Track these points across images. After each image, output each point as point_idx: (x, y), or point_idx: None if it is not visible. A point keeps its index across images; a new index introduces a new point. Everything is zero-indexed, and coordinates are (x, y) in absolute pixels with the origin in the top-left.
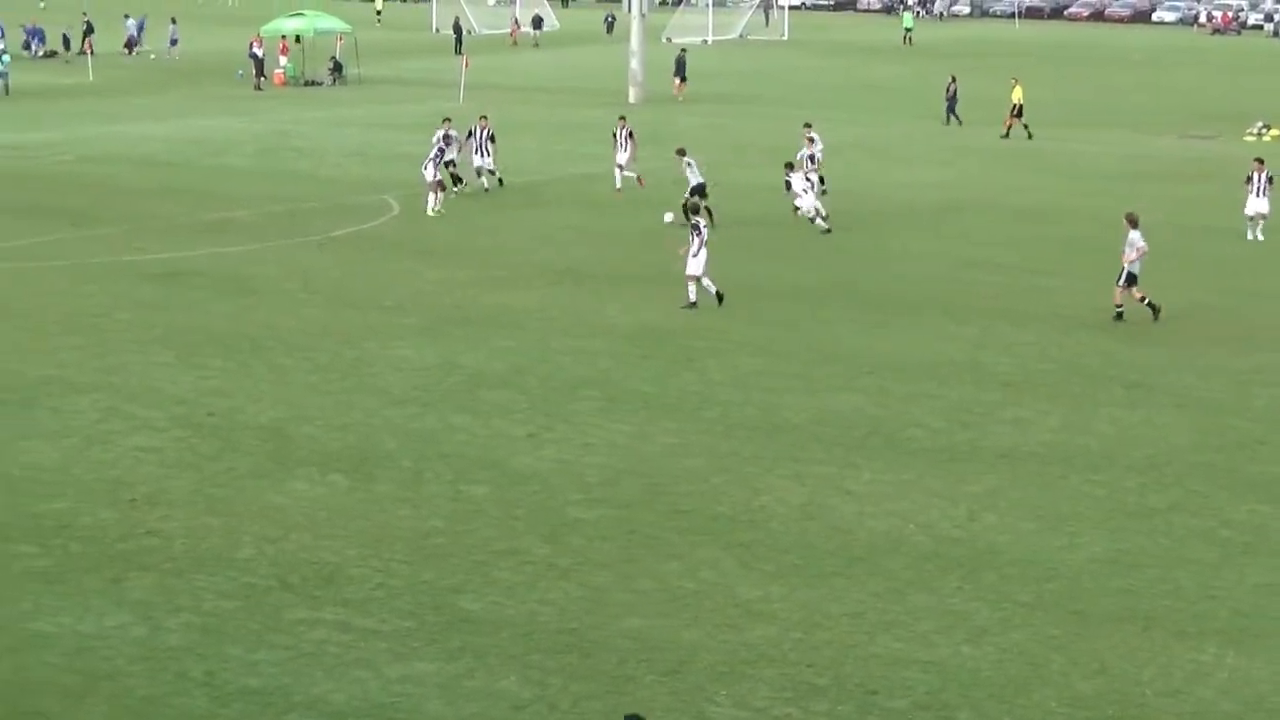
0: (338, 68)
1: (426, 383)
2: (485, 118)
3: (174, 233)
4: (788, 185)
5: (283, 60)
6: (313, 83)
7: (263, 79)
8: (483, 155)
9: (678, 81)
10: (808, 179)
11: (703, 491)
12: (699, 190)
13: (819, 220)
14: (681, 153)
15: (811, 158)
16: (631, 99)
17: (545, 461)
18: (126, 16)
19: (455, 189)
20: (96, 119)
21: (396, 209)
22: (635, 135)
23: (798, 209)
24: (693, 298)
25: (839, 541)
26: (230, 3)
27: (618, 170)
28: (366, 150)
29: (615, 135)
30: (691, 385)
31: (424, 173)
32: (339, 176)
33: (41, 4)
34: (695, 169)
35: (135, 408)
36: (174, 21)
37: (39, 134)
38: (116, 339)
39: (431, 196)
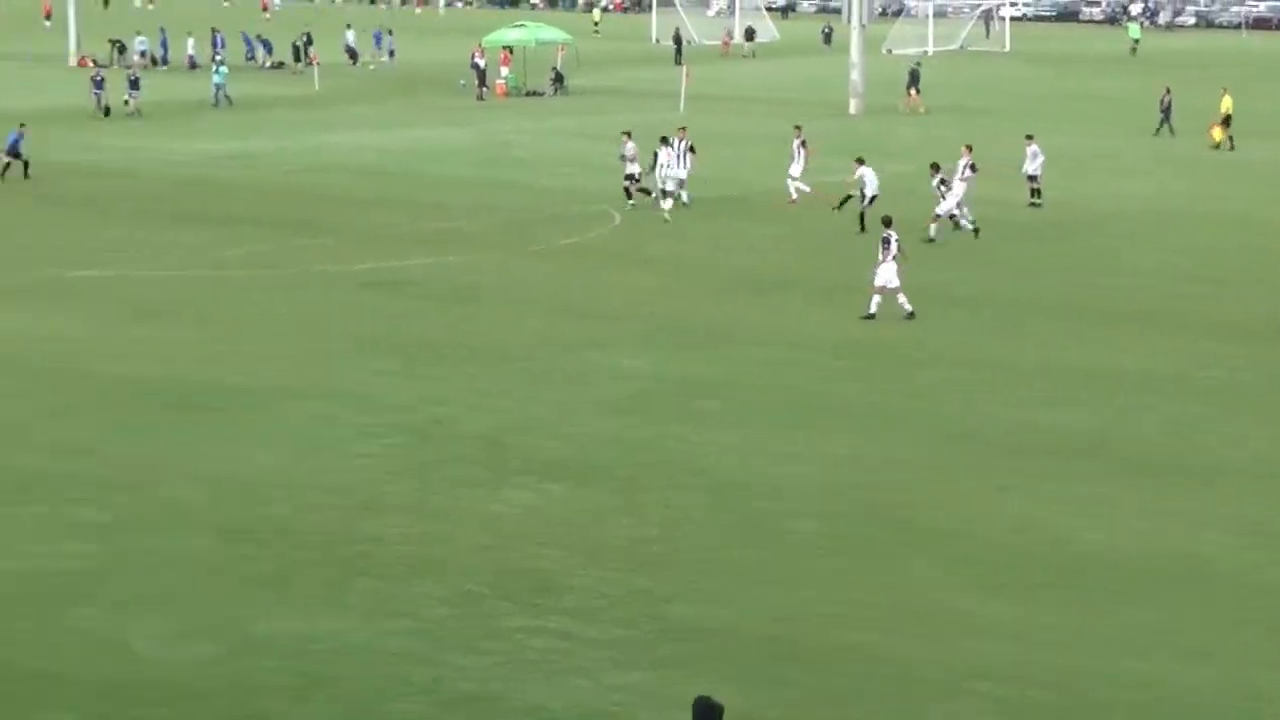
0: (559, 78)
1: (642, 391)
2: (684, 129)
3: (394, 242)
4: (943, 183)
5: (504, 71)
6: (534, 93)
7: (485, 89)
8: (680, 166)
9: (913, 93)
10: (944, 183)
11: (913, 503)
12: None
13: (932, 226)
14: (860, 161)
15: (972, 166)
16: (852, 110)
17: (756, 472)
18: (348, 27)
19: (631, 202)
20: (319, 128)
21: (618, 219)
22: (808, 145)
23: (938, 214)
24: (908, 308)
25: (1053, 555)
26: (441, 14)
27: (790, 182)
28: (587, 160)
29: (792, 146)
30: (900, 397)
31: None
32: (560, 187)
33: (266, 15)
34: (870, 181)
35: (355, 415)
36: (389, 33)
37: (264, 142)
38: (337, 347)
39: (667, 201)
